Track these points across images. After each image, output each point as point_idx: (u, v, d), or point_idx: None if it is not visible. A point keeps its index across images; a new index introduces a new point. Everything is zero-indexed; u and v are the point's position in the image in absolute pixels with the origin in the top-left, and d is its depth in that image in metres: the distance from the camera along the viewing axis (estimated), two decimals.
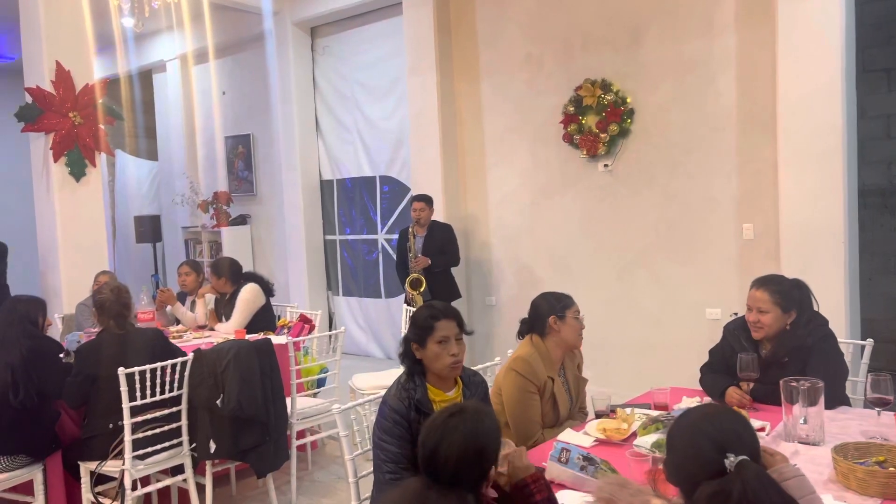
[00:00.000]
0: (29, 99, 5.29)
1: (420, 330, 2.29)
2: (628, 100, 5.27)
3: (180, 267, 5.13)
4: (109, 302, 3.41)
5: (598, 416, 2.64)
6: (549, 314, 2.81)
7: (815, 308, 2.74)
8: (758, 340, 2.75)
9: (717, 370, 2.79)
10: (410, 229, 5.62)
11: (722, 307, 4.96)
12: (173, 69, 8.70)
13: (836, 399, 2.59)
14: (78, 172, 5.43)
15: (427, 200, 5.61)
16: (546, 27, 5.70)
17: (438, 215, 5.97)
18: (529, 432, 2.66)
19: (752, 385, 2.62)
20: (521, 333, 2.90)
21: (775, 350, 2.68)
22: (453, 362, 2.26)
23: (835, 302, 4.16)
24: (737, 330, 2.82)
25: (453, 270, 5.77)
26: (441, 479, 1.53)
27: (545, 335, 2.82)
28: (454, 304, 5.65)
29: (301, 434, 4.08)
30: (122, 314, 3.43)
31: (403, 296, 5.80)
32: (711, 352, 2.91)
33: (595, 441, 2.37)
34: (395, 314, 6.85)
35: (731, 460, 1.31)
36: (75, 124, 5.38)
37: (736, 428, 1.39)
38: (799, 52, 4.37)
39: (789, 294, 2.68)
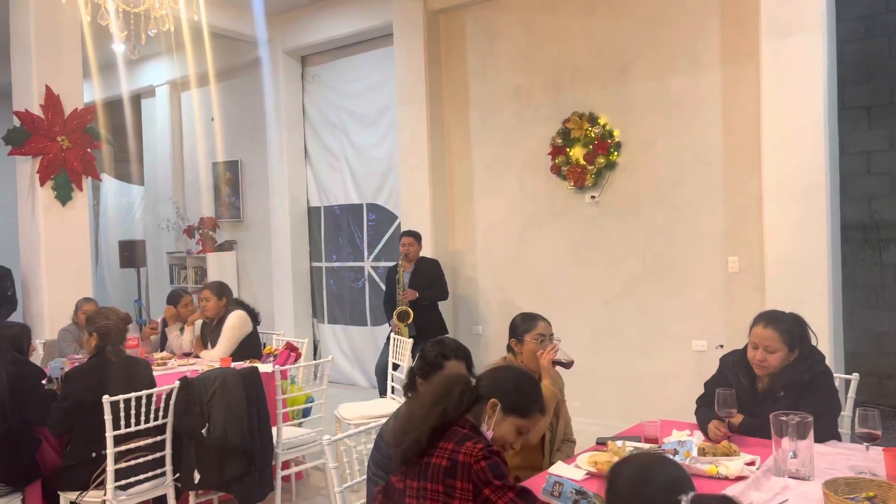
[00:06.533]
0: (17, 122, 5.27)
1: (428, 366, 2.29)
2: (615, 133, 5.35)
3: (184, 297, 5.08)
4: (114, 329, 3.37)
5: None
6: (511, 336, 2.89)
7: (815, 342, 2.76)
8: (755, 375, 2.76)
9: (711, 403, 2.79)
10: (399, 264, 5.65)
11: (708, 339, 4.99)
12: (162, 94, 8.71)
13: (828, 434, 2.60)
14: (64, 196, 5.39)
15: (416, 236, 5.67)
16: (535, 61, 5.79)
17: (427, 244, 5.98)
18: None
19: (739, 418, 2.63)
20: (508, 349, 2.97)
21: (772, 384, 2.70)
22: None
23: (819, 335, 4.14)
24: (735, 365, 2.81)
25: (441, 302, 5.77)
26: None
27: (514, 354, 2.90)
28: None
29: (286, 464, 4.02)
30: (119, 343, 3.41)
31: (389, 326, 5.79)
32: (707, 384, 2.91)
33: (586, 474, 2.36)
34: (381, 342, 6.81)
35: (686, 499, 1.38)
36: (63, 148, 5.36)
37: (677, 472, 1.48)
38: (782, 90, 4.46)
39: (794, 332, 2.69)
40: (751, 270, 4.82)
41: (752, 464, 2.34)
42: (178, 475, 3.42)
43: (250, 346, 4.69)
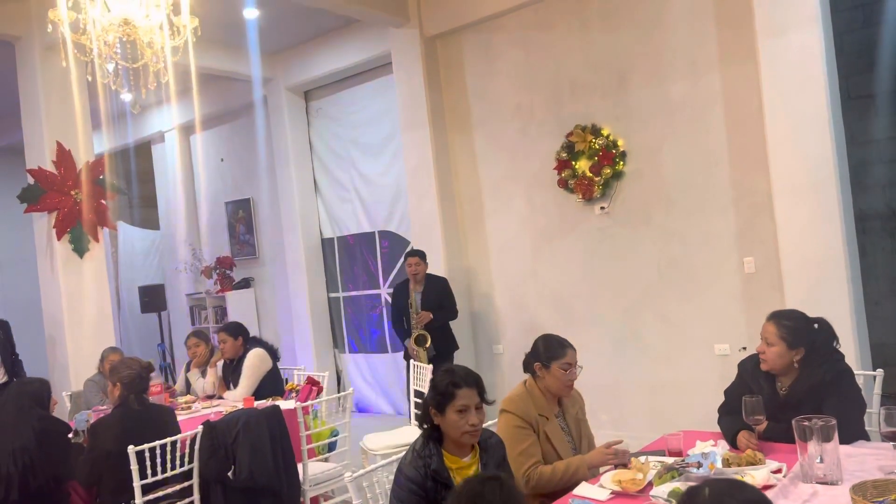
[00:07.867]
0: (31, 180, 5.37)
1: (440, 396, 2.28)
2: (619, 142, 5.35)
3: (188, 339, 5.14)
4: (137, 378, 3.43)
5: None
6: (536, 360, 2.87)
7: (836, 344, 2.72)
8: (775, 379, 2.73)
9: (734, 411, 2.75)
10: (410, 286, 5.60)
11: (730, 342, 4.94)
12: (171, 139, 8.85)
13: (855, 434, 2.56)
14: (81, 249, 5.48)
15: (421, 255, 5.60)
16: (534, 77, 5.81)
17: (440, 265, 5.99)
18: (526, 465, 2.67)
19: (765, 425, 2.59)
20: (524, 367, 2.96)
21: (793, 388, 2.67)
22: (472, 431, 2.26)
23: (842, 329, 4.08)
24: (755, 369, 2.78)
25: (460, 322, 5.75)
26: None
27: (535, 377, 2.87)
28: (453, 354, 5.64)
29: (315, 501, 4.02)
30: (143, 391, 3.46)
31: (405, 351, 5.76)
32: (727, 392, 2.88)
33: (611, 493, 2.34)
34: (402, 368, 6.81)
35: None
36: (77, 202, 5.46)
37: (757, 496, 1.38)
38: (783, 86, 4.44)
39: (798, 331, 2.66)
40: (767, 269, 4.77)
41: (778, 471, 2.31)
42: None
43: (272, 384, 4.71)
